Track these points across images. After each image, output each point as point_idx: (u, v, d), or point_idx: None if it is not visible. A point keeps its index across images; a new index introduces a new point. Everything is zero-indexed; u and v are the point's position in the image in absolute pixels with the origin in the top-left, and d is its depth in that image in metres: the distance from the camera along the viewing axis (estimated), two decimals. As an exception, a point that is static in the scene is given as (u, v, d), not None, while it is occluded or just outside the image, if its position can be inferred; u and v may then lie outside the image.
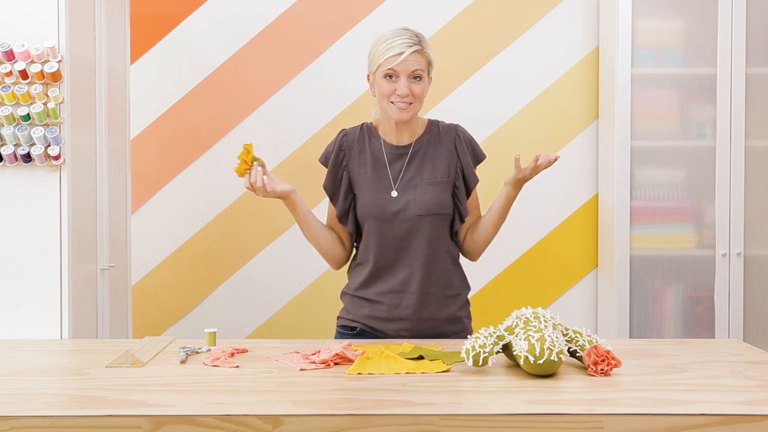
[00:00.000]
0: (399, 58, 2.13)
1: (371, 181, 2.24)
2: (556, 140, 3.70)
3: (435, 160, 2.25)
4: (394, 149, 2.27)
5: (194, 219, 3.72)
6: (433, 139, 2.28)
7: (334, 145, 2.30)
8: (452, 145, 2.28)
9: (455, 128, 2.32)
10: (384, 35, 2.19)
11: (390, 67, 2.14)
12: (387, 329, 2.23)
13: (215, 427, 1.51)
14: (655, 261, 3.39)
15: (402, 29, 2.19)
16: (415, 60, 2.15)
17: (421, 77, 2.17)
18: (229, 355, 2.00)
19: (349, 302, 2.31)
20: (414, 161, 2.25)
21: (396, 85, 2.16)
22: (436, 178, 2.24)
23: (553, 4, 3.68)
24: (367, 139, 2.29)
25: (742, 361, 1.96)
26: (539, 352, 1.74)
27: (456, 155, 2.27)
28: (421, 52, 2.16)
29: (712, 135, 3.36)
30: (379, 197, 2.23)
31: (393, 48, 2.14)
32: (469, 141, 2.31)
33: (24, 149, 2.54)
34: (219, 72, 3.69)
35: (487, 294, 3.71)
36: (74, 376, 1.84)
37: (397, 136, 2.27)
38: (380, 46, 2.17)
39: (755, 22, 3.33)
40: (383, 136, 2.28)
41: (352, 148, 2.28)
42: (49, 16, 2.57)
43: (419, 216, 2.21)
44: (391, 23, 3.63)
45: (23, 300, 2.57)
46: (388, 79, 2.16)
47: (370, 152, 2.27)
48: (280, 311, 3.71)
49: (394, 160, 2.26)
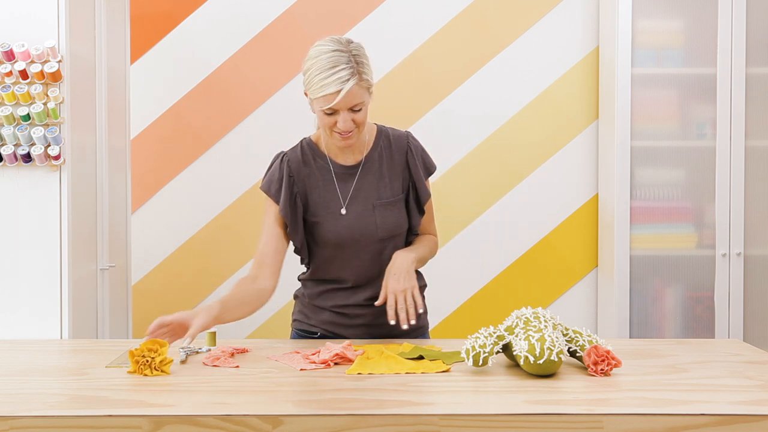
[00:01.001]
0: (336, 97, 1.95)
1: (325, 206, 2.13)
2: (556, 140, 3.70)
3: (390, 176, 2.14)
4: (342, 168, 2.14)
5: (194, 219, 3.72)
6: (384, 151, 2.15)
7: (279, 171, 2.14)
8: (404, 159, 2.15)
9: (406, 138, 2.18)
10: (319, 62, 1.98)
11: (328, 106, 1.97)
12: (347, 334, 2.20)
13: (215, 427, 1.51)
14: (655, 261, 3.39)
15: (336, 51, 1.98)
16: (354, 94, 1.97)
17: (362, 105, 2.00)
18: (229, 355, 2.00)
19: (308, 308, 2.25)
20: (366, 178, 2.14)
21: (336, 118, 2.00)
22: (391, 197, 2.14)
23: (553, 4, 3.68)
24: (311, 159, 2.15)
25: (742, 361, 1.96)
26: (539, 352, 1.74)
27: (408, 170, 2.16)
28: (359, 83, 1.97)
29: (712, 135, 3.36)
30: (336, 223, 2.12)
31: (328, 86, 1.95)
32: (420, 152, 2.18)
33: (24, 149, 2.54)
34: (219, 72, 3.69)
35: (487, 294, 3.71)
36: (74, 376, 1.83)
37: (343, 156, 2.15)
38: (314, 78, 1.98)
39: (755, 22, 3.33)
40: (328, 154, 2.15)
41: (300, 173, 2.14)
42: (49, 16, 2.57)
43: (382, 239, 2.14)
44: (391, 23, 3.66)
45: (23, 300, 2.57)
46: (327, 114, 2.01)
47: (317, 174, 2.14)
48: (280, 311, 3.71)
49: (343, 179, 2.14)
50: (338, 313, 2.21)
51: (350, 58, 1.98)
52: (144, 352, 1.82)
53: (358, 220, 2.12)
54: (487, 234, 3.72)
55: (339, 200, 2.14)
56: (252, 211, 3.70)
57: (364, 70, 2.00)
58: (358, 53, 2.00)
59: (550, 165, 3.71)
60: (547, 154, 3.71)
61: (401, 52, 3.66)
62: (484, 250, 3.71)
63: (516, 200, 3.72)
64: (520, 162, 3.71)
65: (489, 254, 3.73)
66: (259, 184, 3.70)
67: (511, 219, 3.71)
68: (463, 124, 3.67)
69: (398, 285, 2.03)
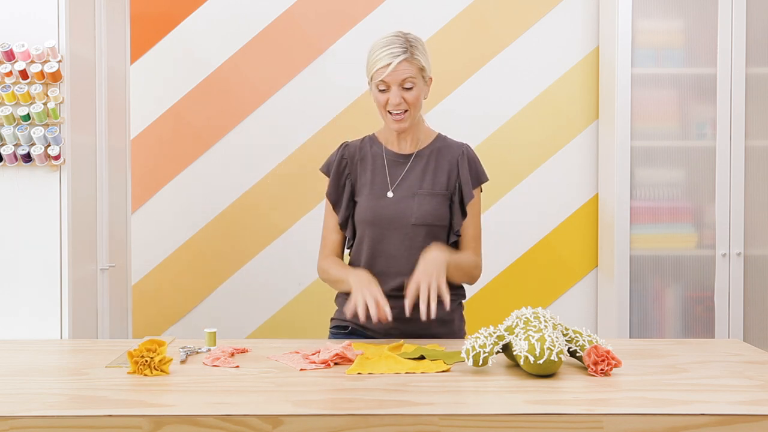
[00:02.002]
0: (387, 69, 2.13)
1: (369, 186, 2.25)
2: (556, 140, 3.70)
3: (436, 171, 2.25)
4: (394, 156, 2.28)
5: (194, 219, 3.72)
6: (437, 151, 2.28)
7: (336, 155, 2.31)
8: (455, 161, 2.27)
9: (463, 146, 2.31)
10: (376, 44, 2.18)
11: (380, 79, 2.15)
12: (378, 328, 2.23)
13: (215, 427, 1.51)
14: (655, 261, 3.39)
15: (394, 36, 2.18)
16: (405, 69, 2.14)
17: (414, 84, 2.16)
18: (229, 355, 2.00)
19: (342, 303, 2.30)
20: (415, 169, 2.26)
21: (388, 95, 2.16)
22: (435, 189, 2.24)
23: (553, 4, 3.68)
24: (368, 147, 2.30)
25: (742, 361, 1.96)
26: (539, 352, 1.74)
27: (456, 170, 2.26)
28: (410, 59, 2.14)
29: (712, 135, 3.36)
30: (376, 203, 2.23)
31: (381, 59, 2.14)
32: (473, 160, 2.30)
33: (24, 149, 2.54)
34: (219, 72, 3.69)
35: (487, 294, 3.71)
36: (74, 376, 1.83)
37: (399, 144, 2.28)
38: (371, 57, 2.17)
39: (755, 22, 3.33)
40: (385, 144, 2.30)
41: (354, 157, 2.29)
42: (49, 16, 2.57)
43: (414, 226, 2.21)
44: (391, 23, 3.66)
45: (23, 300, 2.57)
46: (380, 90, 2.17)
47: (371, 158, 2.28)
48: (280, 311, 3.71)
49: (394, 165, 2.27)
50: None
51: (405, 41, 2.17)
52: (143, 353, 1.82)
53: (398, 203, 2.22)
54: (487, 234, 3.70)
55: (387, 184, 2.25)
56: (252, 211, 3.70)
57: (417, 52, 2.17)
58: (413, 39, 2.19)
59: (550, 165, 3.71)
60: (547, 154, 3.71)
61: (401, 52, 3.66)
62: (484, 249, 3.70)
63: (516, 200, 3.71)
64: (520, 162, 3.71)
65: (489, 254, 3.71)
66: (259, 183, 3.71)
67: (511, 219, 3.71)
68: (463, 124, 3.67)
69: (425, 276, 2.07)
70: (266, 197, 3.70)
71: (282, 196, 3.67)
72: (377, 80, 2.16)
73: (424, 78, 2.20)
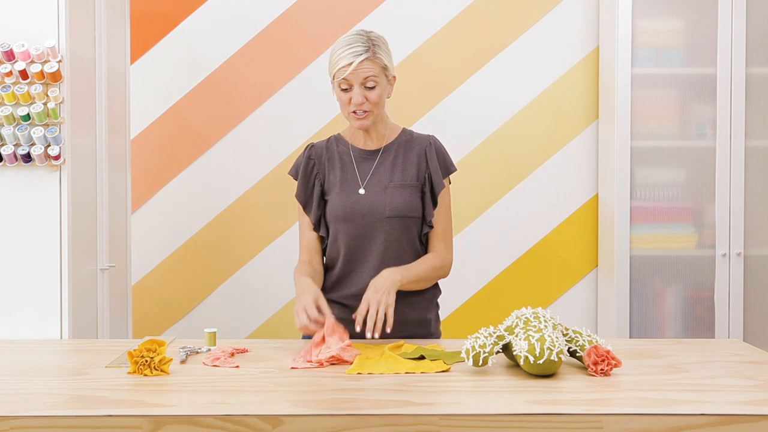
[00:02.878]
0: (348, 68, 2.12)
1: (340, 183, 2.25)
2: (556, 140, 3.70)
3: (405, 164, 2.25)
4: (362, 152, 2.27)
5: (194, 219, 3.72)
6: (404, 144, 2.28)
7: (303, 157, 2.31)
8: (423, 152, 2.27)
9: (429, 138, 2.31)
10: (338, 43, 2.17)
11: (342, 78, 2.14)
12: (352, 332, 2.21)
13: (215, 427, 1.51)
14: (655, 261, 3.39)
15: (356, 35, 2.17)
16: (367, 68, 2.13)
17: (376, 83, 2.15)
18: (229, 355, 2.00)
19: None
20: (383, 164, 2.26)
21: (350, 94, 2.16)
22: (405, 181, 2.24)
23: (553, 4, 3.68)
24: (335, 146, 2.30)
25: (742, 361, 1.96)
26: (539, 352, 1.74)
27: (425, 160, 2.26)
28: (372, 58, 2.14)
29: (712, 135, 3.36)
30: (347, 198, 2.23)
31: (343, 58, 2.13)
32: (441, 151, 2.29)
33: (24, 149, 2.54)
34: (219, 72, 3.69)
35: (487, 294, 3.71)
36: (74, 376, 1.84)
37: (365, 141, 2.28)
38: (333, 56, 2.16)
39: (755, 22, 3.33)
40: (351, 141, 2.30)
41: (321, 157, 2.29)
42: (49, 16, 2.57)
43: (388, 218, 2.21)
44: (391, 23, 3.66)
45: (23, 300, 2.57)
46: (342, 89, 2.16)
47: (338, 157, 2.28)
48: (280, 311, 3.71)
49: (362, 162, 2.27)
50: (343, 305, 2.23)
51: (367, 40, 2.16)
52: (143, 353, 1.82)
53: (370, 197, 2.23)
54: (487, 234, 3.72)
55: (357, 180, 2.25)
56: (252, 211, 3.70)
57: (379, 51, 2.16)
58: (376, 38, 2.19)
59: (550, 165, 3.71)
60: (547, 154, 3.71)
61: (401, 52, 3.66)
62: (484, 249, 3.71)
63: (516, 200, 3.71)
64: (520, 162, 3.71)
65: (489, 254, 3.73)
66: (259, 183, 3.71)
67: (511, 219, 3.71)
68: (463, 124, 3.67)
69: (375, 296, 2.08)
70: (266, 197, 3.70)
71: (282, 196, 3.67)
72: (339, 79, 2.15)
73: (387, 77, 2.19)
